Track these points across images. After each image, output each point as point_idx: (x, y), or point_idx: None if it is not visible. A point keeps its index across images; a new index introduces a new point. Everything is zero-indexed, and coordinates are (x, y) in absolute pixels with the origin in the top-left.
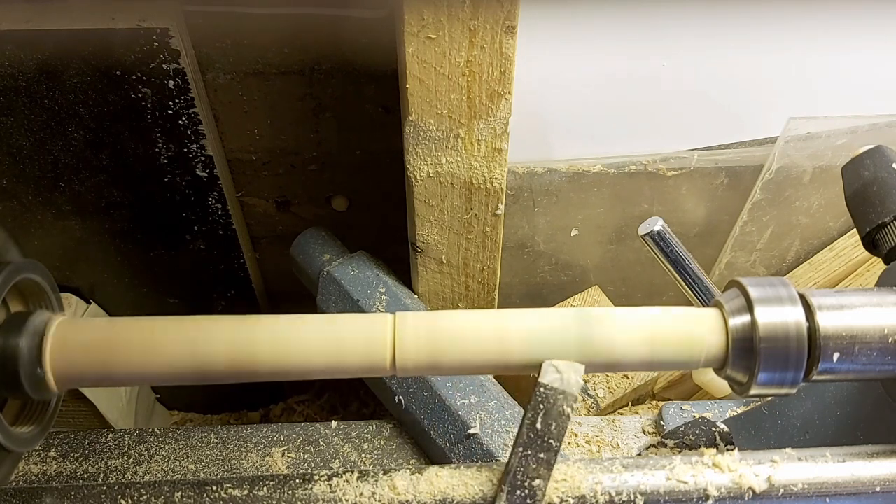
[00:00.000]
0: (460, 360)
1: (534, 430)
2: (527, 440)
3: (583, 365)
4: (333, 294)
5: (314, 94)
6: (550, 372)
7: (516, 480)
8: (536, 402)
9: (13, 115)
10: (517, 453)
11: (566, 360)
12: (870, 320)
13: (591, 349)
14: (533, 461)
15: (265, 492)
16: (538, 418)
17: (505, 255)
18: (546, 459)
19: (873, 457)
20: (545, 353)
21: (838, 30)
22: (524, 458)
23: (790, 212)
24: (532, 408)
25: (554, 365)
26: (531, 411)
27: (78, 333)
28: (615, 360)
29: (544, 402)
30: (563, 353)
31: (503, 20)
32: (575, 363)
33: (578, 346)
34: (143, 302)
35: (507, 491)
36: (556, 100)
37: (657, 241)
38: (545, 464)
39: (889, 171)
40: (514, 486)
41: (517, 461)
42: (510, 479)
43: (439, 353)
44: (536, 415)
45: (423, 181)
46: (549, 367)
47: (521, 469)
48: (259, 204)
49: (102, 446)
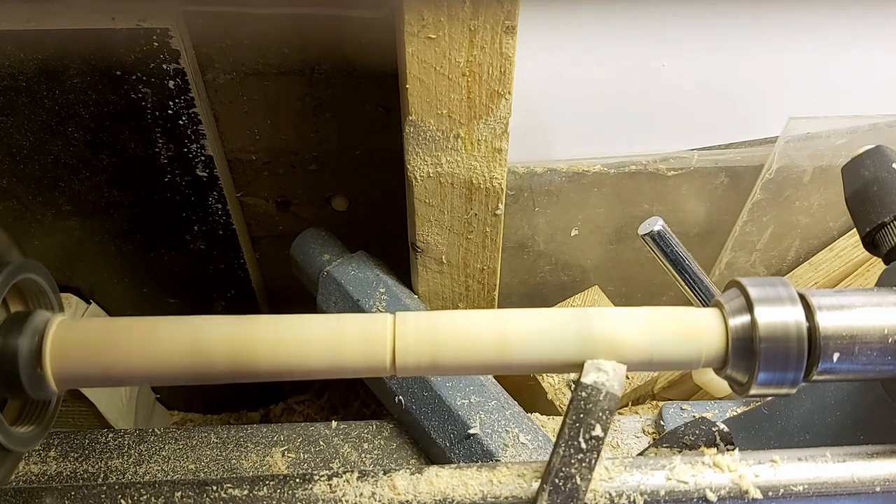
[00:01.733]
0: (460, 360)
1: (575, 430)
2: (568, 440)
3: (624, 365)
4: (333, 294)
5: (314, 94)
6: (592, 371)
7: (558, 480)
8: (578, 401)
9: (13, 115)
10: (558, 453)
11: (566, 359)
12: (870, 320)
13: (591, 349)
14: (575, 461)
15: (265, 492)
16: (580, 418)
17: (505, 255)
18: (588, 459)
19: (873, 457)
20: (545, 353)
21: (839, 30)
22: (566, 458)
23: (790, 212)
24: (574, 407)
25: (596, 364)
26: (573, 411)
27: (78, 333)
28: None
29: (586, 402)
30: (563, 353)
31: (503, 20)
32: (616, 363)
33: (578, 346)
34: (143, 302)
35: (548, 490)
36: (556, 100)
37: (657, 241)
38: (587, 464)
39: (889, 171)
40: (555, 486)
41: (559, 461)
42: (552, 478)
43: (439, 353)
44: (578, 415)
45: (423, 181)
46: (591, 366)
47: (563, 469)
48: (259, 204)
49: (102, 446)
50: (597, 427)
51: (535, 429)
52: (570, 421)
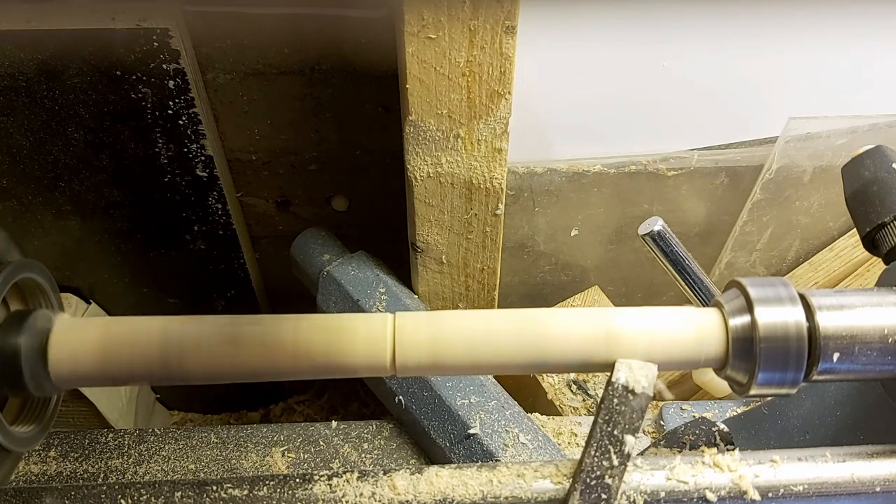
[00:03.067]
0: (460, 360)
1: (606, 430)
2: (599, 439)
3: (655, 364)
4: (333, 294)
5: (314, 94)
6: (623, 371)
7: (589, 479)
8: (609, 401)
9: (13, 115)
10: (590, 453)
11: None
12: (870, 320)
13: (591, 349)
14: (606, 461)
15: (265, 492)
16: (611, 418)
17: (505, 255)
18: (619, 459)
19: (873, 457)
20: (545, 353)
21: (839, 30)
22: (598, 458)
23: (790, 212)
24: (605, 407)
25: (627, 364)
26: (604, 410)
27: (78, 333)
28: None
29: (617, 402)
30: (562, 353)
31: (503, 20)
32: (647, 363)
33: (578, 346)
34: (143, 302)
35: (580, 490)
36: (556, 100)
37: (657, 241)
38: (618, 463)
39: (889, 171)
40: (587, 486)
41: (591, 461)
42: (583, 478)
43: (439, 353)
44: (609, 415)
45: (423, 181)
46: (622, 365)
47: (595, 468)
48: (259, 204)
49: (102, 446)
50: (628, 427)
51: (535, 429)
52: (601, 421)
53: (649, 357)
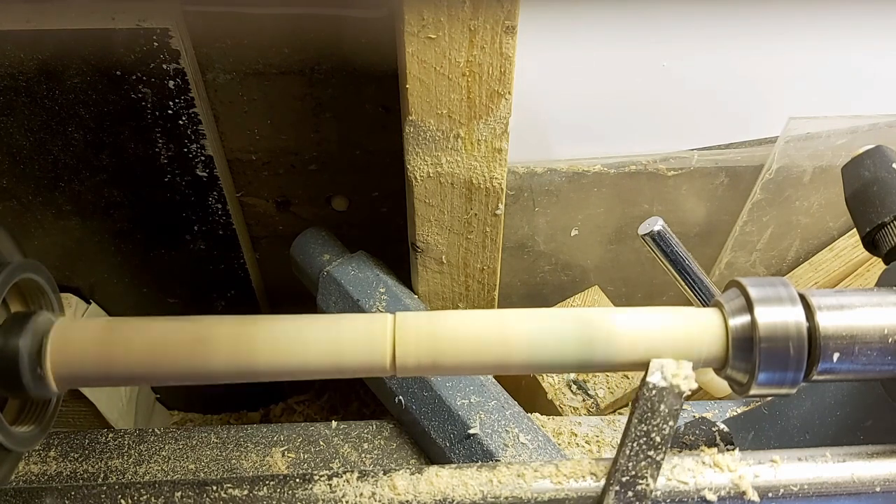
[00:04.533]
0: (460, 360)
1: (641, 430)
2: (634, 439)
3: (690, 362)
4: (333, 294)
5: (314, 94)
6: (657, 370)
7: (624, 479)
8: (644, 401)
9: (13, 115)
10: (624, 453)
11: (565, 359)
12: (870, 320)
13: (591, 349)
14: (642, 460)
15: (265, 492)
16: (646, 417)
17: (505, 255)
18: (654, 458)
19: (873, 457)
20: (545, 353)
21: (838, 30)
22: (633, 458)
23: (790, 212)
24: (640, 407)
25: (661, 363)
26: (639, 410)
27: (78, 333)
28: (615, 360)
29: (651, 401)
30: (563, 352)
31: (503, 20)
32: (683, 361)
33: (578, 346)
34: (143, 302)
35: (615, 491)
36: (556, 100)
37: (657, 241)
38: (653, 462)
39: (889, 171)
40: (622, 486)
41: (626, 460)
42: (618, 477)
43: (439, 353)
44: (644, 414)
45: (423, 181)
46: (656, 365)
47: (630, 468)
48: (259, 204)
49: (102, 446)
50: (663, 426)
51: (535, 429)
52: (635, 420)
53: (650, 357)
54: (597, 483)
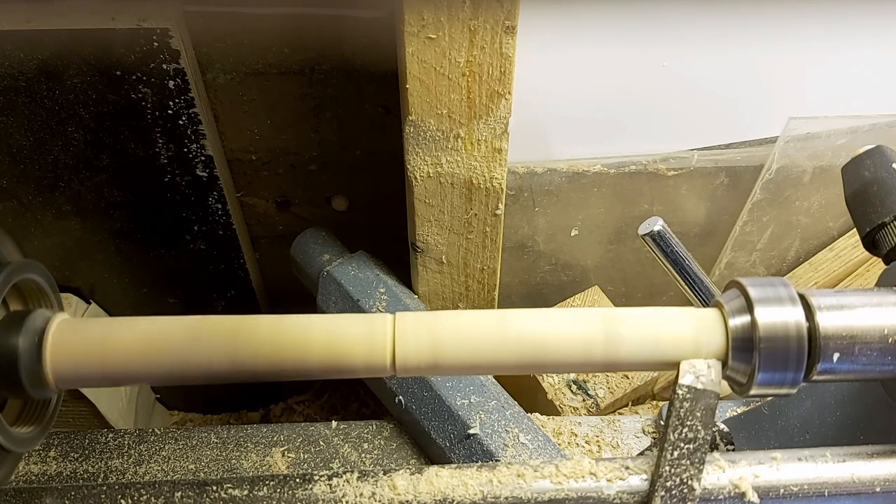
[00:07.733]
0: (460, 360)
1: (680, 432)
2: (674, 441)
3: (719, 361)
4: (333, 294)
5: (314, 94)
6: (690, 372)
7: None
8: (679, 402)
9: (13, 115)
10: (665, 457)
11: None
12: (870, 320)
13: (591, 349)
14: (686, 460)
15: (265, 492)
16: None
17: (505, 255)
18: (697, 458)
19: (873, 457)
20: (545, 353)
21: (837, 30)
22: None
23: (790, 212)
24: (675, 409)
25: (693, 365)
26: (675, 413)
27: (78, 333)
28: (615, 360)
29: (687, 402)
30: (562, 353)
31: (503, 20)
32: (712, 360)
33: (578, 346)
34: (143, 302)
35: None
36: (556, 99)
37: (657, 241)
38: (696, 462)
39: (889, 171)
40: (667, 490)
41: (668, 463)
42: (662, 481)
43: (439, 354)
44: (679, 416)
45: (423, 181)
46: (687, 366)
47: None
48: (259, 204)
49: (102, 446)
50: (700, 426)
51: (535, 429)
52: (672, 423)
53: (651, 357)
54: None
